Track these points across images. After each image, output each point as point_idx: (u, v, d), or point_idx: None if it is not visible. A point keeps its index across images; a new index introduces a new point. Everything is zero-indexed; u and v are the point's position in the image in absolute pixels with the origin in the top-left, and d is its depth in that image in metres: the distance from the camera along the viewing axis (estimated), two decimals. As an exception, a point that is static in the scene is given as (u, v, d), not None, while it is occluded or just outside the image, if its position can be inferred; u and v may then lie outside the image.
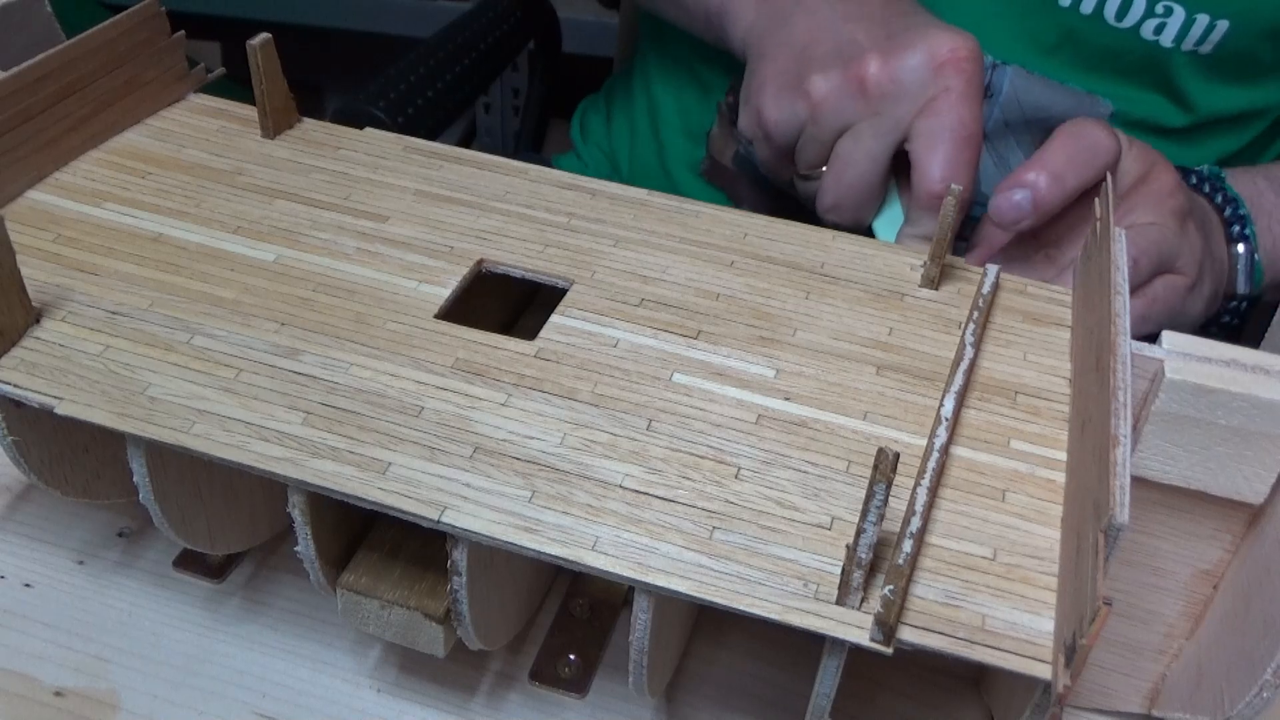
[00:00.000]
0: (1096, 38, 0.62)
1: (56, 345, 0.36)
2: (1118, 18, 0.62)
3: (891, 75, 0.51)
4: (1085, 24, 0.62)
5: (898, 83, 0.51)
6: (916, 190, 0.51)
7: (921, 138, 0.51)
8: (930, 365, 0.38)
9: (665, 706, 0.41)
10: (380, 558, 0.37)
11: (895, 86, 0.51)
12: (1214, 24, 0.61)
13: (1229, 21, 0.61)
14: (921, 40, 0.52)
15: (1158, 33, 0.62)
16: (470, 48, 0.82)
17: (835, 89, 0.53)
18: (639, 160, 0.80)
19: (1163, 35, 0.62)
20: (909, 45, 0.52)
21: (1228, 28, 0.61)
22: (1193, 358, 0.33)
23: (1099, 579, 0.26)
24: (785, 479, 0.33)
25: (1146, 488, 0.34)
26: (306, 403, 0.34)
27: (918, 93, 0.51)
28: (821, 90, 0.53)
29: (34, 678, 0.40)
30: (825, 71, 0.53)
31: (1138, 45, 0.62)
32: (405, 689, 0.41)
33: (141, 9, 0.45)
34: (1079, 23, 0.62)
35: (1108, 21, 0.62)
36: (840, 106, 0.53)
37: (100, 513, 0.45)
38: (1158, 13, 0.61)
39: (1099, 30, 0.62)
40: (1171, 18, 0.61)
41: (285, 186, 0.44)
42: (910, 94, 0.51)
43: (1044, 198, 0.50)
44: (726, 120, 0.73)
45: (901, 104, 0.51)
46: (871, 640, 0.29)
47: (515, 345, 0.37)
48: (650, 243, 0.42)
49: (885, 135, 0.52)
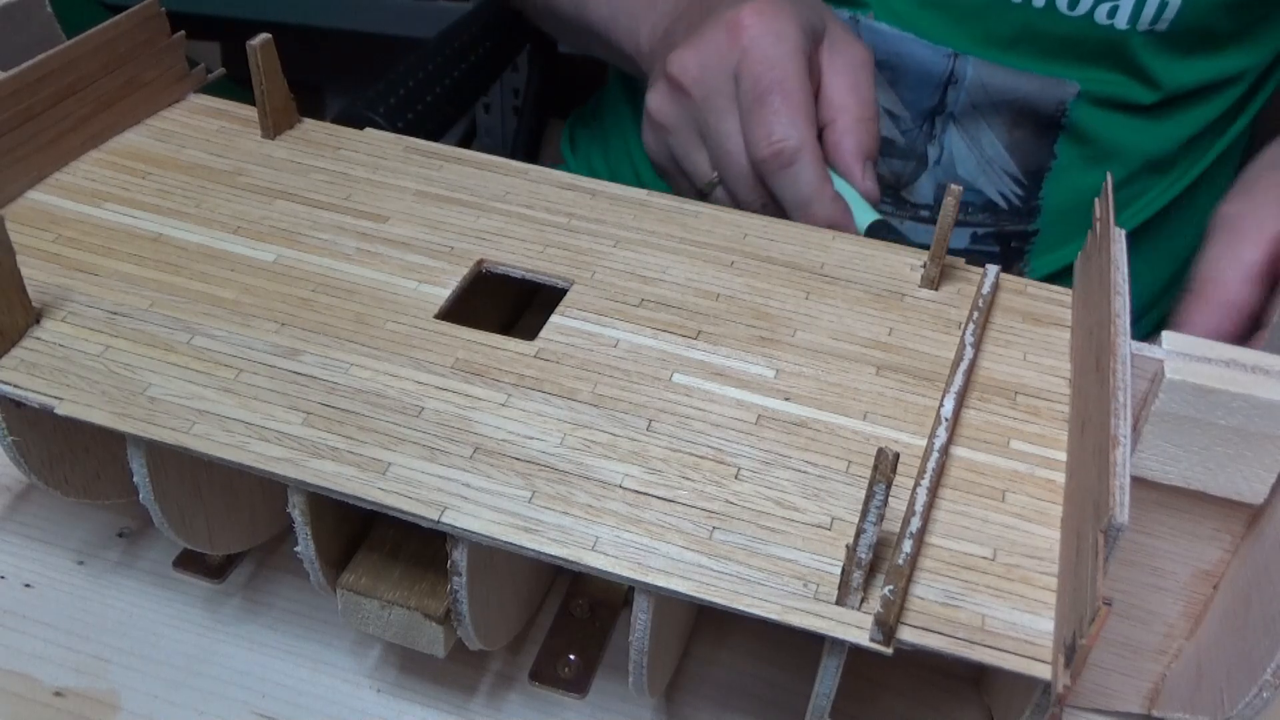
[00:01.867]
0: (1052, 28, 0.62)
1: (56, 345, 0.36)
2: (1070, 7, 0.62)
3: (696, 59, 0.51)
4: (1039, 16, 0.62)
5: (704, 66, 0.51)
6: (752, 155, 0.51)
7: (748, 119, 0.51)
8: (930, 365, 0.38)
9: (665, 706, 0.41)
10: (380, 558, 0.37)
11: (702, 70, 0.51)
12: (1165, 2, 0.61)
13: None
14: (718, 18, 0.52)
15: (1111, 16, 0.62)
16: (469, 51, 0.82)
17: (661, 97, 0.54)
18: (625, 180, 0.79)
19: (1116, 18, 0.62)
20: (705, 28, 0.52)
21: (1180, 3, 0.61)
22: (1192, 358, 0.33)
23: (1099, 579, 0.26)
24: (785, 479, 0.33)
25: (1146, 488, 0.34)
26: (306, 403, 0.34)
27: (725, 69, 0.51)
28: (653, 104, 0.54)
29: (34, 678, 0.40)
30: (653, 85, 0.54)
31: (1093, 30, 0.62)
32: (405, 689, 0.41)
33: (141, 9, 0.45)
34: (1033, 16, 0.62)
35: (1060, 11, 0.62)
36: (671, 112, 0.54)
37: (100, 513, 0.45)
38: None
39: (1053, 20, 0.62)
40: (1123, 1, 0.61)
41: (285, 187, 0.44)
42: (722, 73, 0.51)
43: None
44: None
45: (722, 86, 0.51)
46: (871, 640, 0.29)
47: (515, 345, 0.37)
48: (650, 243, 0.42)
49: (733, 119, 0.52)
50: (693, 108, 0.52)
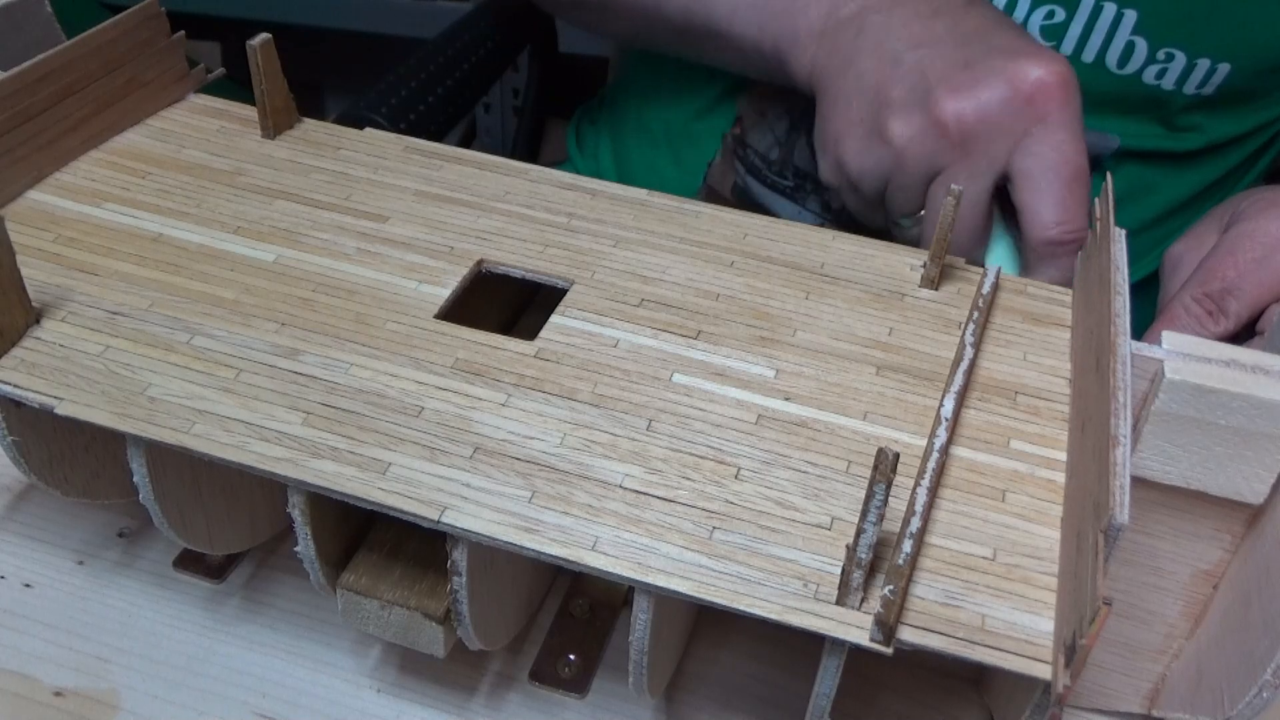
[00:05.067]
0: (1098, 85, 0.60)
1: (56, 345, 0.36)
2: (1119, 65, 0.60)
3: (976, 112, 0.47)
4: (1087, 71, 0.60)
5: (984, 121, 0.47)
6: (1030, 238, 0.48)
7: (1024, 179, 0.47)
8: (930, 365, 0.38)
9: (665, 706, 0.41)
10: (380, 558, 0.37)
11: (982, 125, 0.47)
12: (1215, 67, 0.60)
13: (1230, 64, 0.60)
14: (1001, 69, 0.47)
15: (1159, 78, 0.61)
16: (470, 52, 0.81)
17: (917, 134, 0.49)
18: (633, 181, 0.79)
19: (1164, 80, 0.61)
20: (989, 76, 0.47)
21: (1229, 70, 0.60)
22: (1192, 358, 0.33)
23: (1099, 579, 0.26)
24: (785, 479, 0.33)
25: (1146, 488, 0.34)
26: (306, 403, 0.34)
27: (1008, 128, 0.47)
28: (903, 137, 0.49)
29: (34, 678, 0.40)
30: (904, 115, 0.49)
31: (1140, 89, 0.61)
32: (405, 689, 0.41)
33: (141, 9, 0.45)
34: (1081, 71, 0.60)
35: (1109, 69, 0.61)
36: (925, 152, 0.49)
37: (100, 513, 0.45)
38: (1159, 59, 0.60)
39: (1101, 77, 0.61)
40: (1173, 63, 0.60)
41: (285, 187, 0.44)
42: (1001, 130, 0.47)
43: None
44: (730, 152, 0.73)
45: (994, 143, 0.47)
46: (871, 640, 0.29)
47: (515, 345, 0.37)
48: (650, 243, 0.42)
49: (980, 177, 0.48)
50: (948, 155, 0.49)
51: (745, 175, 0.72)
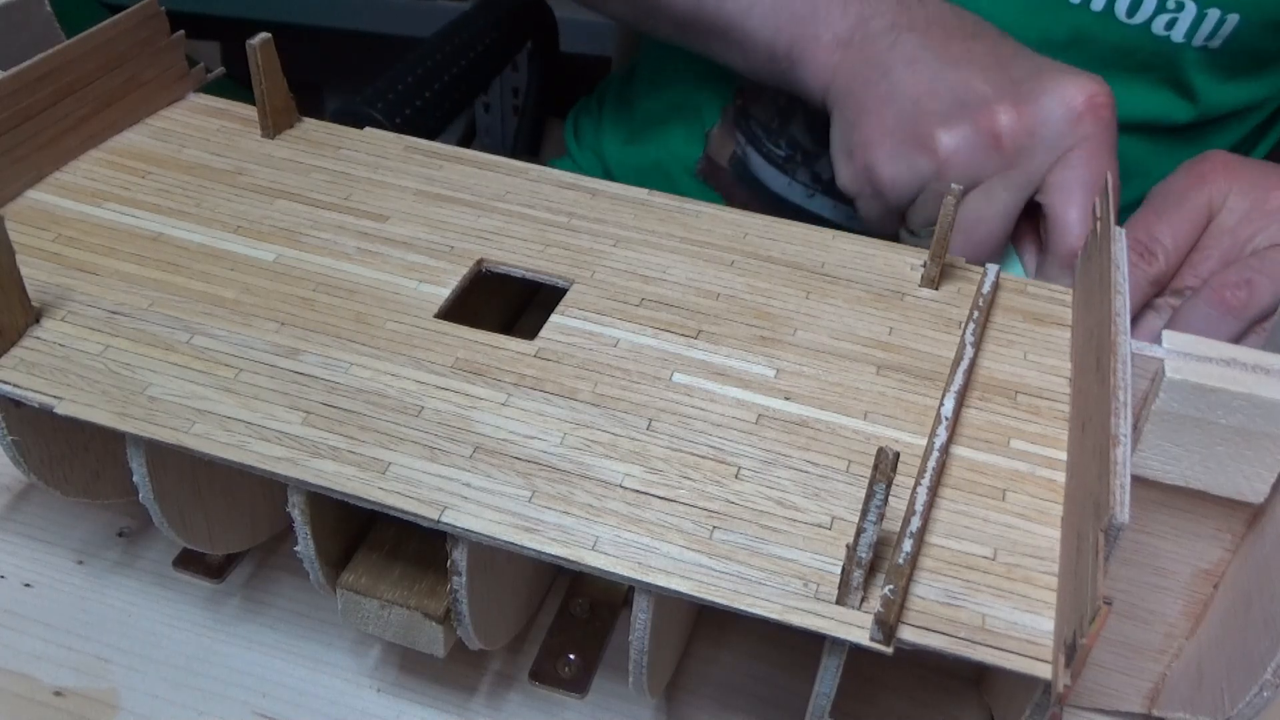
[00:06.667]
0: (1107, 35, 0.61)
1: (56, 345, 0.36)
2: (1128, 14, 0.61)
3: (1028, 126, 0.49)
4: (1096, 21, 0.61)
5: (1035, 134, 0.49)
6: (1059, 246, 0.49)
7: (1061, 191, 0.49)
8: (930, 365, 0.38)
9: (665, 706, 0.41)
10: (380, 558, 0.37)
11: (1032, 139, 0.49)
12: (1225, 18, 0.60)
13: (1239, 15, 0.60)
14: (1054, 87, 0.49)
15: (1169, 28, 0.61)
16: (468, 49, 0.82)
17: (964, 145, 0.50)
18: (631, 160, 0.80)
19: (1174, 31, 0.61)
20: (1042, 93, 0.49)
21: (1238, 21, 0.60)
22: (1193, 357, 0.33)
23: (1099, 578, 0.26)
24: (785, 479, 0.33)
25: (1147, 487, 0.34)
26: (307, 402, 0.34)
27: (1055, 144, 0.49)
28: (950, 145, 0.50)
29: (34, 678, 0.40)
30: (951, 125, 0.50)
31: (1148, 41, 0.62)
32: (405, 689, 0.41)
33: (141, 9, 0.45)
34: (1089, 20, 0.61)
35: (1118, 18, 0.61)
36: (971, 162, 0.50)
37: (100, 513, 0.45)
38: (1169, 8, 0.60)
39: (1109, 27, 0.61)
40: (1183, 13, 0.60)
41: (286, 186, 0.44)
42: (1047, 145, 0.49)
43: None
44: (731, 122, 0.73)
45: (1037, 156, 0.49)
46: (871, 640, 0.29)
47: (515, 345, 0.37)
48: (650, 242, 0.42)
49: (1018, 189, 0.50)
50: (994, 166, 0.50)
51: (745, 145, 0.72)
